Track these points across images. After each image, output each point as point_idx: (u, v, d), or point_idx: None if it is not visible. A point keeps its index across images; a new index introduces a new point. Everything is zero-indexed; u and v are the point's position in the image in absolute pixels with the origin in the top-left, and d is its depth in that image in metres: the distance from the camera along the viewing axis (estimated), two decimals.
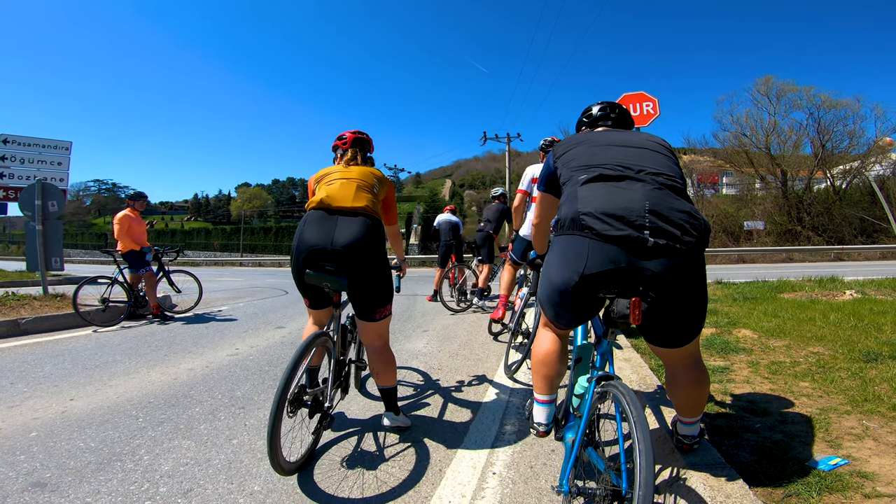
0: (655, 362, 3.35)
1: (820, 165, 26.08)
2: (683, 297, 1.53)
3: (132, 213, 6.16)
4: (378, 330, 2.30)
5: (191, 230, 75.80)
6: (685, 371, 1.75)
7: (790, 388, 2.76)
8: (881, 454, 1.93)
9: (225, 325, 5.71)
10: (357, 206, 2.20)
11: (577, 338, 2.03)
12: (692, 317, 1.60)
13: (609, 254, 1.46)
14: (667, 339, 1.67)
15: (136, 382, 3.31)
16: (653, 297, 1.50)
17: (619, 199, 1.51)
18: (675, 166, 1.68)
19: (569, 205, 1.62)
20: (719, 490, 1.66)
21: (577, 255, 1.52)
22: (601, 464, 1.43)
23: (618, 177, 1.58)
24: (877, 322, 4.12)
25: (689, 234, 1.45)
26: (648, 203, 1.47)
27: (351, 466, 2.09)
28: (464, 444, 2.31)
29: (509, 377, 3.35)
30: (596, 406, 1.55)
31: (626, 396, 1.34)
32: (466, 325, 5.57)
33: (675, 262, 1.44)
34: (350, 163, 2.46)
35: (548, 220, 2.20)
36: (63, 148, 8.02)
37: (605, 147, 1.74)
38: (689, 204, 1.53)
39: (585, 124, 2.12)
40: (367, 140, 2.59)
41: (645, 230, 1.43)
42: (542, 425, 1.86)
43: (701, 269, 1.53)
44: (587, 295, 1.56)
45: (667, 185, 1.55)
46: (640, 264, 1.44)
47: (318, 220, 2.16)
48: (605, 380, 1.53)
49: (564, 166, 1.78)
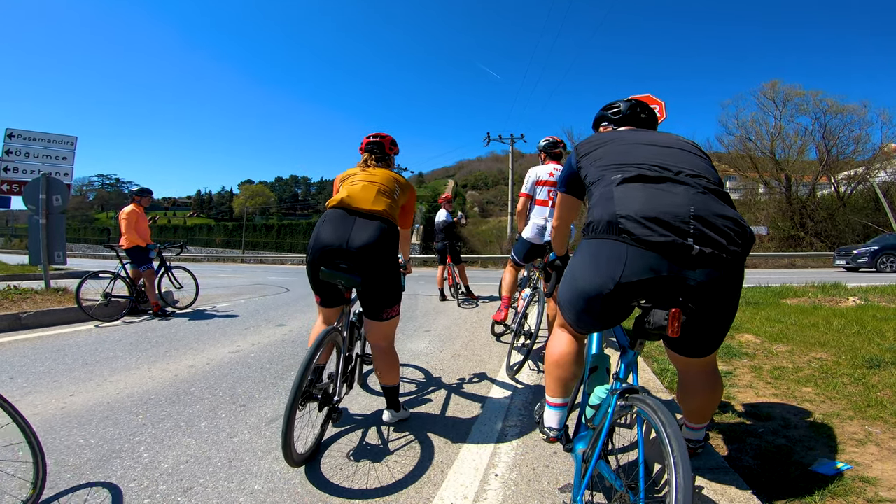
0: (658, 366, 3.34)
1: (825, 171, 25.98)
2: (723, 309, 1.46)
3: (138, 208, 6.17)
4: (384, 330, 2.35)
5: (193, 226, 75.92)
6: (702, 379, 1.70)
7: (793, 394, 2.74)
8: (884, 459, 1.93)
9: (226, 322, 5.71)
10: (375, 210, 2.25)
11: (591, 345, 1.89)
12: (724, 327, 1.54)
13: (650, 261, 1.36)
14: (694, 349, 1.60)
15: (136, 378, 3.31)
16: (692, 309, 1.41)
17: (662, 203, 1.40)
18: (712, 169, 1.59)
19: (603, 206, 1.50)
20: (723, 494, 1.66)
21: (612, 262, 1.42)
22: (618, 482, 1.36)
23: (657, 178, 1.48)
24: (880, 328, 4.11)
25: (734, 243, 1.37)
26: (693, 208, 1.38)
27: (356, 459, 2.12)
28: (466, 444, 2.30)
29: (511, 378, 3.34)
30: (616, 419, 1.46)
31: (658, 413, 1.24)
32: (468, 325, 5.56)
33: (719, 273, 1.36)
34: (368, 166, 2.53)
35: (568, 223, 2.12)
36: (68, 143, 8.02)
37: (636, 146, 1.63)
38: (734, 210, 1.45)
39: (610, 121, 1.95)
40: (382, 143, 2.64)
41: (689, 237, 1.34)
42: (554, 430, 1.79)
43: (741, 280, 1.45)
44: (619, 304, 1.47)
45: (710, 190, 1.46)
46: (684, 274, 1.35)
47: (336, 219, 2.22)
48: (630, 392, 1.43)
49: (591, 165, 1.66)
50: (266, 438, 2.32)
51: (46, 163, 7.76)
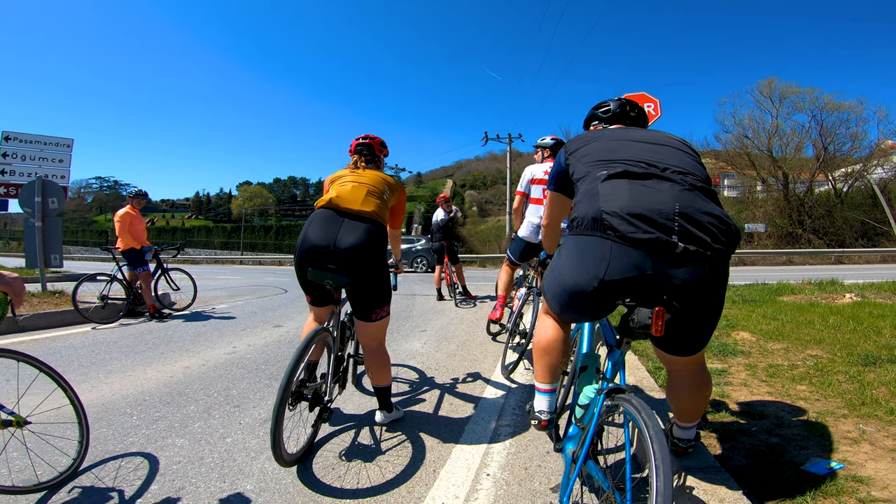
0: (652, 364, 3.34)
1: (822, 168, 26.04)
2: (708, 307, 1.45)
3: (133, 210, 6.16)
4: (374, 331, 2.34)
5: (191, 228, 75.89)
6: (690, 377, 1.69)
7: (787, 392, 2.74)
8: (877, 458, 1.92)
9: (223, 324, 5.71)
10: (364, 211, 2.25)
11: (581, 345, 1.88)
12: (710, 326, 1.53)
13: (634, 259, 1.35)
14: (681, 347, 1.59)
15: (132, 380, 3.31)
16: (676, 307, 1.40)
17: (647, 199, 1.39)
18: (700, 166, 1.58)
19: (588, 202, 1.49)
20: (713, 494, 1.65)
21: (596, 259, 1.40)
22: (605, 482, 1.35)
23: (643, 174, 1.46)
24: (876, 325, 4.11)
25: (718, 241, 1.35)
26: (678, 205, 1.37)
27: (348, 459, 2.12)
28: (458, 444, 2.30)
29: (506, 377, 3.34)
30: (603, 419, 1.45)
31: (642, 413, 1.23)
32: (465, 325, 5.56)
33: (704, 271, 1.34)
34: (358, 168, 2.53)
35: (558, 221, 2.11)
36: (64, 145, 8.01)
37: (624, 143, 1.63)
38: (720, 207, 1.44)
39: (601, 120, 1.96)
40: (371, 145, 2.64)
41: (674, 234, 1.33)
42: (545, 413, 1.78)
43: (726, 278, 1.44)
44: (603, 300, 1.46)
45: (697, 187, 1.45)
46: (668, 272, 1.34)
47: (324, 219, 2.22)
48: (616, 392, 1.42)
49: (578, 161, 1.66)
50: (259, 439, 2.32)
51: (43, 165, 7.74)
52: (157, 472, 2.00)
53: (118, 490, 1.86)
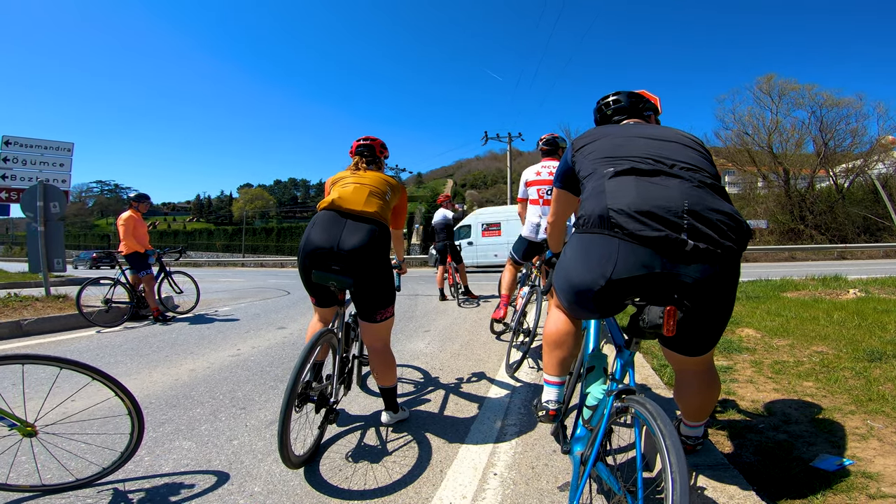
0: (658, 362, 3.33)
1: (822, 164, 25.97)
2: (719, 306, 1.42)
3: (136, 214, 6.18)
4: (379, 331, 2.34)
5: (193, 231, 75.90)
6: (699, 377, 1.67)
7: (794, 388, 2.74)
8: (886, 454, 1.92)
9: (227, 326, 5.72)
10: (367, 212, 2.25)
11: (588, 344, 1.82)
12: (721, 325, 1.50)
13: (642, 257, 1.32)
14: (691, 347, 1.56)
15: (137, 383, 3.31)
16: (687, 306, 1.37)
17: (655, 196, 1.36)
18: (710, 163, 1.54)
19: (594, 199, 1.46)
20: (722, 491, 1.65)
21: (604, 258, 1.37)
22: (616, 484, 1.32)
23: (651, 171, 1.43)
24: (881, 321, 4.10)
25: (727, 238, 1.33)
26: (687, 202, 1.34)
27: (355, 460, 2.12)
28: (465, 443, 2.30)
29: (511, 376, 3.34)
30: (612, 421, 1.41)
31: (658, 420, 1.19)
32: (468, 324, 5.56)
33: (715, 269, 1.32)
34: (359, 169, 2.54)
35: (564, 219, 2.08)
36: (65, 149, 8.02)
37: (631, 139, 1.59)
38: (729, 204, 1.41)
39: (607, 115, 1.92)
40: (373, 146, 2.65)
41: (683, 232, 1.31)
42: (553, 402, 1.75)
43: (737, 276, 1.42)
44: (611, 299, 1.43)
45: (706, 184, 1.42)
46: (678, 270, 1.32)
47: (327, 221, 2.22)
48: (626, 394, 1.39)
49: (585, 158, 1.63)
50: (266, 441, 2.32)
51: (44, 170, 7.76)
52: (165, 475, 2.00)
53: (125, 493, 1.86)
